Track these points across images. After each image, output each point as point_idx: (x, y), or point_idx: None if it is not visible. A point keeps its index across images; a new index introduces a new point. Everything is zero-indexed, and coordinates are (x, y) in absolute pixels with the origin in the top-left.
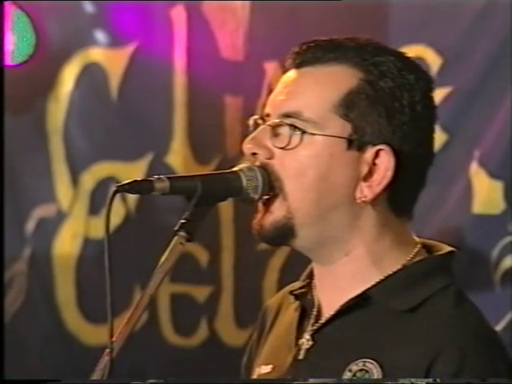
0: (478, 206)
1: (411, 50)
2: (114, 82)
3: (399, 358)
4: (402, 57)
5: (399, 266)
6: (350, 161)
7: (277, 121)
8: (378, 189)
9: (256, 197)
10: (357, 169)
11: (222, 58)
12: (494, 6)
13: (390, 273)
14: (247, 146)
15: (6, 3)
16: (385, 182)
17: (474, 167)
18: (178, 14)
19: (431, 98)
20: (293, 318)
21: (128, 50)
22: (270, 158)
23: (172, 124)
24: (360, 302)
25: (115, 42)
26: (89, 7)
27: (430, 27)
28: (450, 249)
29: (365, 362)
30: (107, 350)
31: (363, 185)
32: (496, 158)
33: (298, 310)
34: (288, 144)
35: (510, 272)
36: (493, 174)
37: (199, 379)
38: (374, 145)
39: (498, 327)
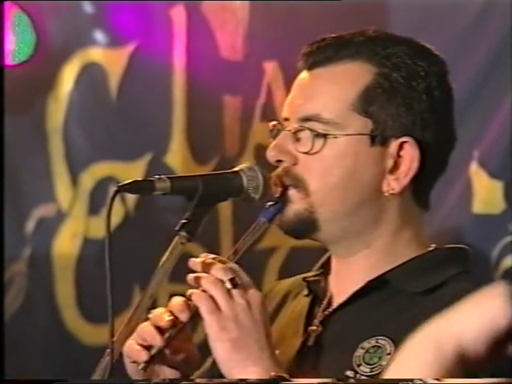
0: (478, 205)
1: None
2: (114, 81)
3: (410, 334)
4: (412, 44)
5: (415, 256)
6: (375, 156)
7: (297, 126)
8: (405, 180)
9: (257, 197)
10: (382, 163)
11: (222, 58)
12: (493, 6)
13: (406, 260)
14: (271, 154)
15: (6, 3)
16: (411, 173)
17: (474, 167)
18: (178, 13)
19: (447, 82)
20: (303, 306)
21: (127, 49)
22: (294, 164)
23: (171, 124)
24: (376, 285)
25: (114, 41)
26: (88, 7)
27: (429, 27)
28: (462, 246)
29: (378, 339)
30: (108, 350)
31: (390, 178)
32: (496, 157)
33: (310, 298)
34: (312, 148)
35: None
36: (493, 174)
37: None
38: (397, 137)
39: None
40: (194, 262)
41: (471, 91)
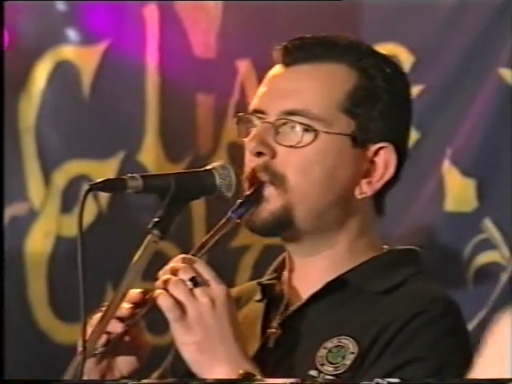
0: (451, 203)
1: (384, 48)
2: (86, 79)
3: (374, 334)
4: (388, 57)
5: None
6: (354, 158)
7: (281, 119)
8: (377, 185)
9: (229, 195)
10: (359, 166)
11: (195, 56)
12: (466, 4)
13: (363, 261)
14: (252, 145)
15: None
16: (386, 178)
17: (447, 165)
18: (151, 12)
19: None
20: (257, 310)
21: (100, 47)
22: (272, 157)
23: (144, 122)
24: (335, 285)
25: (87, 39)
26: (61, 6)
27: (402, 25)
28: (414, 247)
29: (340, 338)
30: (80, 349)
31: (363, 182)
32: (468, 155)
33: (264, 302)
34: (299, 142)
35: (483, 270)
36: (465, 172)
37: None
38: (375, 142)
39: (471, 325)
40: (164, 269)
41: (444, 90)
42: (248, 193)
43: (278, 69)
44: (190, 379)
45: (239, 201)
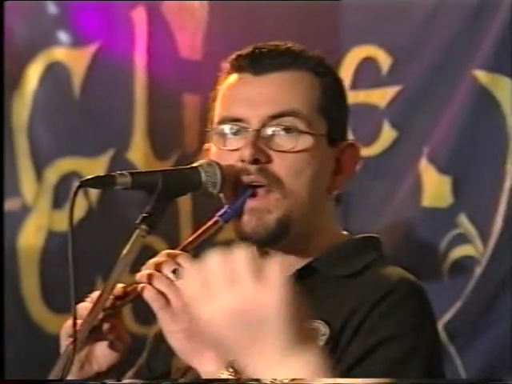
0: (427, 199)
1: (363, 50)
2: (77, 80)
3: (344, 316)
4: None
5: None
6: (329, 156)
7: (269, 125)
8: (347, 181)
9: (215, 191)
10: (332, 164)
11: (182, 58)
12: (443, 6)
13: (328, 248)
14: (247, 154)
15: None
16: (353, 173)
17: (423, 163)
18: (139, 14)
19: None
20: None
21: (90, 49)
22: (268, 162)
23: (132, 121)
24: (304, 273)
25: (78, 41)
26: (52, 8)
27: (380, 27)
28: (374, 235)
29: (311, 322)
30: (70, 340)
31: (336, 179)
32: (444, 154)
33: None
34: (294, 147)
35: (458, 263)
36: (441, 170)
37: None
38: (342, 140)
39: (447, 316)
40: (147, 264)
41: (420, 90)
42: (236, 200)
43: (243, 77)
44: (167, 379)
45: (227, 206)
